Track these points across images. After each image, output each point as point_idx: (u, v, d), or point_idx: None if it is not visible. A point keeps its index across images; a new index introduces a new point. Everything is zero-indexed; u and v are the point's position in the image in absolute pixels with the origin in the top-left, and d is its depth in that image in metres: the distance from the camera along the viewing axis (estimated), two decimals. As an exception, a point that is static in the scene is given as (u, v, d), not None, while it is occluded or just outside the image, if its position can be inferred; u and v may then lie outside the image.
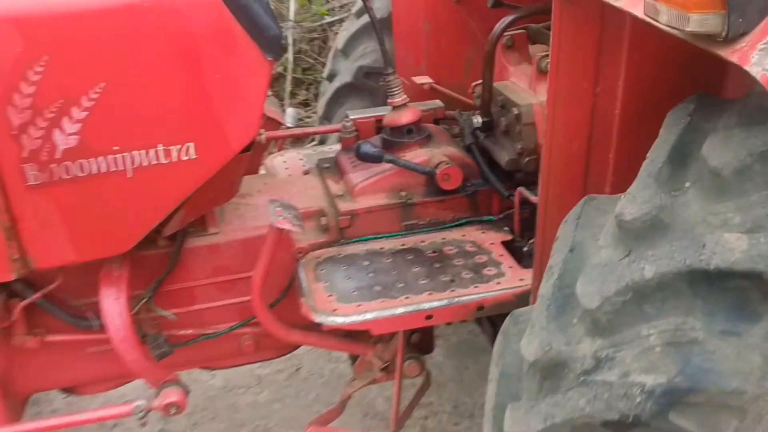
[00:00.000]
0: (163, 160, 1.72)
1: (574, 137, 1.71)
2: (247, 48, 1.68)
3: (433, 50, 2.95)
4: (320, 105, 3.44)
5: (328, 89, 3.37)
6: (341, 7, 5.88)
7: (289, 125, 2.83)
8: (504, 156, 2.24)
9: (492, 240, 2.21)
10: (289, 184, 2.41)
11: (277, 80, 6.02)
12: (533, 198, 2.03)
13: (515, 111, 2.17)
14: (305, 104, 6.04)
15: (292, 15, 5.78)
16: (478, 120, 2.31)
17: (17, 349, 1.98)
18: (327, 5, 5.92)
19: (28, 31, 1.53)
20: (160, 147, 1.71)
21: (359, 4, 3.32)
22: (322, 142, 3.37)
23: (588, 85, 1.64)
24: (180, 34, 1.63)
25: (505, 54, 2.42)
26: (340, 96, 3.28)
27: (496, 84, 2.32)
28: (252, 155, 2.48)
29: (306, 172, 2.52)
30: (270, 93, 2.71)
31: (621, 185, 1.67)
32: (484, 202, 2.31)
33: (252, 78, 1.72)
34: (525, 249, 2.14)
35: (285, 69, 5.88)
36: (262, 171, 2.80)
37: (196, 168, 1.75)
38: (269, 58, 1.71)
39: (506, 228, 2.26)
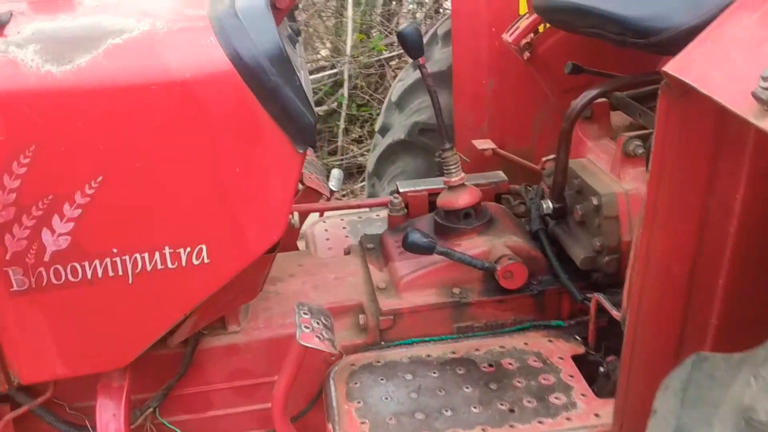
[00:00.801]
0: (170, 265, 1.44)
1: (675, 258, 1.35)
2: (274, 138, 1.38)
3: (498, 110, 2.63)
4: (370, 160, 3.14)
5: (379, 144, 3.07)
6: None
7: (333, 188, 2.54)
8: (579, 252, 1.88)
9: (561, 353, 1.85)
10: (325, 268, 2.10)
11: (331, 116, 5.80)
12: (615, 312, 1.67)
13: (594, 201, 1.82)
14: (359, 141, 5.79)
15: (348, 50, 5.54)
16: (548, 205, 1.96)
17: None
18: (385, 40, 5.66)
19: (11, 116, 1.28)
20: (167, 249, 1.43)
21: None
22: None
23: (697, 197, 1.29)
24: (193, 119, 1.34)
25: (582, 126, 2.07)
26: (391, 153, 2.98)
27: (571, 162, 1.98)
28: (289, 230, 2.20)
29: (347, 252, 2.21)
30: (311, 158, 2.43)
31: (732, 327, 1.32)
32: (552, 303, 1.96)
33: (279, 172, 1.42)
34: (602, 369, 1.78)
35: (339, 105, 5.64)
36: (300, 239, 2.52)
37: (209, 273, 1.47)
38: (300, 150, 1.41)
39: (578, 337, 1.90)
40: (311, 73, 5.80)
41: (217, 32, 1.32)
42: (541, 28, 2.32)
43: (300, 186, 2.17)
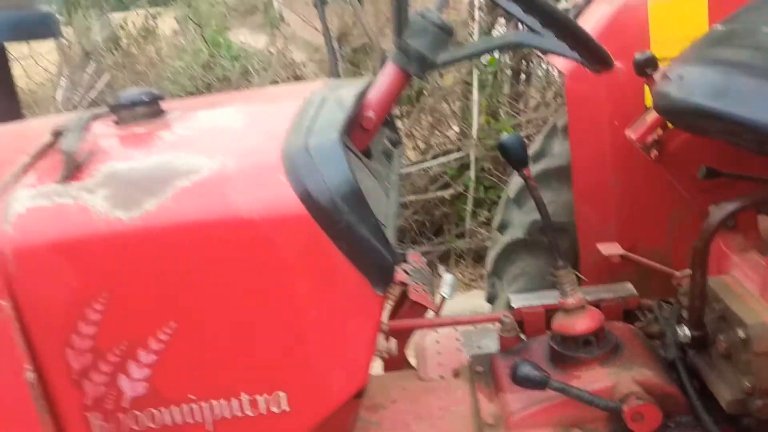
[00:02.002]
0: (249, 413, 1.35)
1: None
2: (350, 279, 1.27)
3: (626, 209, 2.38)
4: (489, 258, 2.97)
5: (498, 242, 2.90)
6: (528, 122, 5.45)
7: (445, 296, 2.39)
8: (725, 392, 1.59)
9: None
10: (431, 394, 1.93)
11: (458, 198, 5.71)
12: (772, 474, 1.37)
13: (741, 333, 1.53)
14: (487, 224, 5.62)
15: (475, 132, 5.45)
16: (685, 333, 1.69)
17: None
18: (513, 121, 5.52)
19: (82, 263, 1.26)
20: (244, 397, 1.34)
21: (536, 144, 2.85)
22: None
23: None
24: (264, 261, 1.26)
25: (724, 237, 1.79)
26: (511, 252, 2.79)
27: (712, 281, 1.70)
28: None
29: (456, 374, 2.03)
30: (419, 266, 2.30)
31: None
32: (693, 450, 1.65)
33: (358, 315, 1.30)
34: None
35: (466, 189, 5.54)
36: (410, 353, 2.37)
37: (290, 421, 1.36)
38: (379, 292, 1.29)
39: (727, 494, 1.58)
40: (437, 157, 5.76)
41: (287, 170, 1.25)
42: (670, 124, 2.09)
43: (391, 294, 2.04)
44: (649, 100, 2.21)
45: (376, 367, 2.82)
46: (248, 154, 1.34)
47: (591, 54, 1.52)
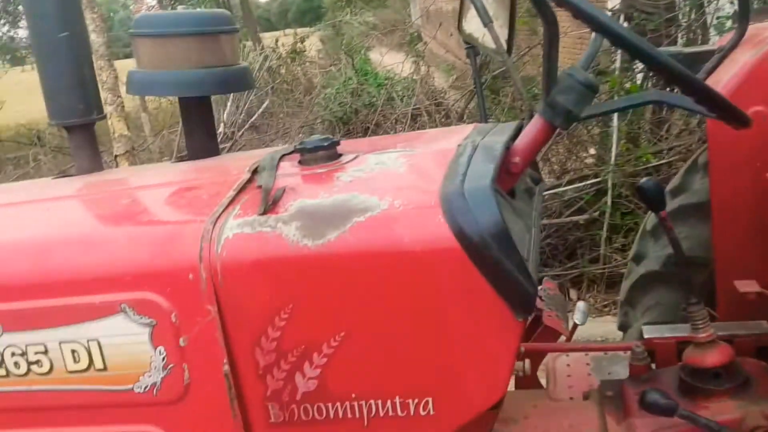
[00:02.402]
0: (400, 413, 1.57)
1: None
2: (494, 306, 1.46)
3: (766, 247, 2.39)
4: (623, 288, 3.04)
5: (633, 272, 2.97)
6: (670, 149, 5.37)
7: (578, 322, 2.51)
8: None
9: None
10: (561, 413, 2.07)
11: (593, 224, 5.71)
12: None
13: None
14: (622, 250, 5.58)
15: (613, 158, 5.45)
16: (818, 373, 1.73)
17: None
18: (653, 148, 5.46)
19: (274, 280, 1.54)
20: (397, 399, 1.56)
21: (677, 179, 2.90)
22: None
23: None
24: (421, 287, 1.49)
25: None
26: (645, 283, 2.86)
27: None
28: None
29: (585, 396, 2.16)
30: (553, 293, 2.45)
31: None
32: (822, 488, 1.69)
33: (499, 337, 1.49)
34: None
35: (602, 214, 5.53)
36: (541, 374, 2.51)
37: (434, 424, 1.57)
38: (519, 319, 1.47)
39: None
40: (573, 182, 5.79)
41: (445, 211, 1.46)
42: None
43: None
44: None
45: (510, 384, 2.98)
46: (411, 196, 1.57)
47: (729, 114, 1.62)
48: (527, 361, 2.09)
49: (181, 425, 1.67)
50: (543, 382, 2.47)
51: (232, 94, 7.46)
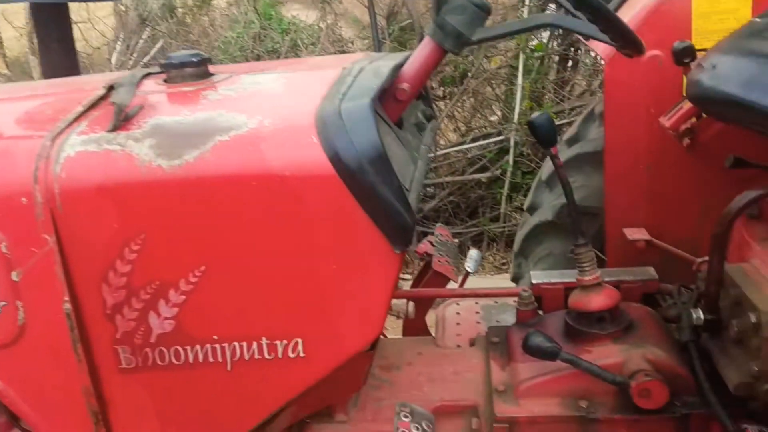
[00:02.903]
0: (267, 356, 1.43)
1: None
2: (370, 237, 1.34)
3: (657, 196, 2.39)
4: (517, 239, 3.00)
5: (526, 223, 2.93)
6: (571, 110, 5.42)
7: (469, 270, 2.44)
8: (733, 375, 1.61)
9: (704, 491, 1.58)
10: (445, 360, 1.99)
11: (495, 182, 5.72)
12: (771, 456, 1.40)
13: (753, 317, 1.55)
14: (521, 209, 5.63)
15: (516, 117, 5.45)
16: (699, 316, 1.72)
17: None
18: (556, 107, 5.49)
19: (125, 206, 1.35)
20: (264, 341, 1.43)
21: (573, 128, 2.87)
22: None
23: None
24: (291, 215, 1.34)
25: (747, 225, 1.80)
26: (538, 233, 2.82)
27: (729, 268, 1.72)
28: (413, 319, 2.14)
29: (472, 343, 2.09)
30: (445, 239, 2.36)
31: None
32: (698, 430, 1.69)
33: (376, 272, 1.37)
34: None
35: (504, 172, 5.55)
36: (430, 323, 2.43)
37: (305, 367, 1.44)
38: (397, 251, 1.35)
39: (729, 475, 1.61)
40: (477, 139, 5.77)
41: (319, 132, 1.32)
42: (702, 112, 2.09)
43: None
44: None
45: (396, 331, 2.89)
46: (285, 115, 1.41)
47: (623, 38, 1.55)
48: (411, 304, 2.00)
49: (15, 371, 1.47)
50: (432, 331, 2.40)
51: (122, 34, 6.97)
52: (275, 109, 1.43)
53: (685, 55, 1.95)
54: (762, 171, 1.81)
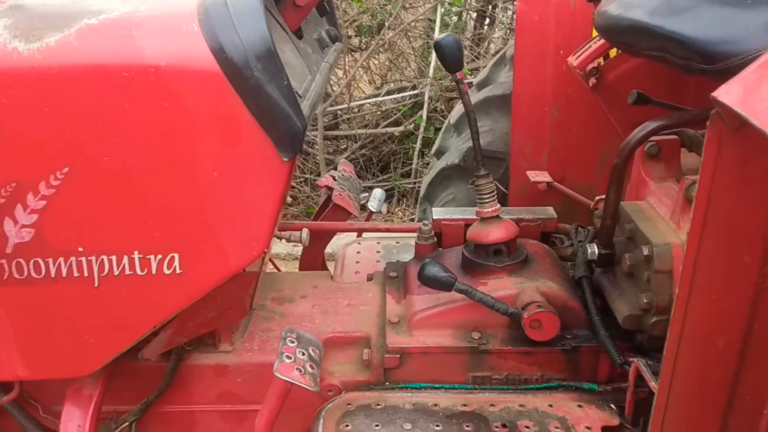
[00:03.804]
0: (139, 271, 1.31)
1: (719, 330, 1.10)
2: (256, 142, 1.23)
3: (560, 141, 2.39)
4: (423, 184, 2.96)
5: (433, 167, 2.89)
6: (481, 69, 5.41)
7: (372, 209, 2.37)
8: (623, 308, 1.62)
9: (590, 421, 1.58)
10: (340, 293, 1.93)
11: (408, 137, 5.67)
12: (653, 384, 1.41)
13: (645, 250, 1.56)
14: (434, 166, 5.62)
15: (431, 71, 5.39)
16: (594, 250, 1.71)
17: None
18: (471, 64, 5.48)
19: None
20: (136, 254, 1.30)
21: (482, 74, 2.83)
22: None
23: (752, 260, 1.03)
24: (167, 113, 1.21)
25: (646, 164, 1.81)
26: (444, 177, 2.79)
27: (625, 204, 1.72)
28: (312, 247, 2.05)
29: (369, 278, 2.03)
30: (348, 175, 2.27)
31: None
32: (587, 362, 1.69)
33: (262, 181, 1.27)
34: (635, 449, 1.51)
35: (417, 127, 5.50)
36: (331, 259, 2.36)
37: (181, 285, 1.33)
38: (285, 159, 1.25)
39: (613, 406, 1.62)
40: (392, 93, 5.69)
41: (201, 20, 1.19)
42: (612, 53, 2.08)
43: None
44: (595, 32, 2.19)
45: (292, 266, 2.79)
46: (164, 2, 1.27)
47: None
48: (306, 231, 1.91)
49: None
50: (331, 268, 2.32)
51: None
52: None
53: (595, -8, 1.93)
54: (662, 109, 1.82)
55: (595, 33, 2.20)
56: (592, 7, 2.04)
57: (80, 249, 1.29)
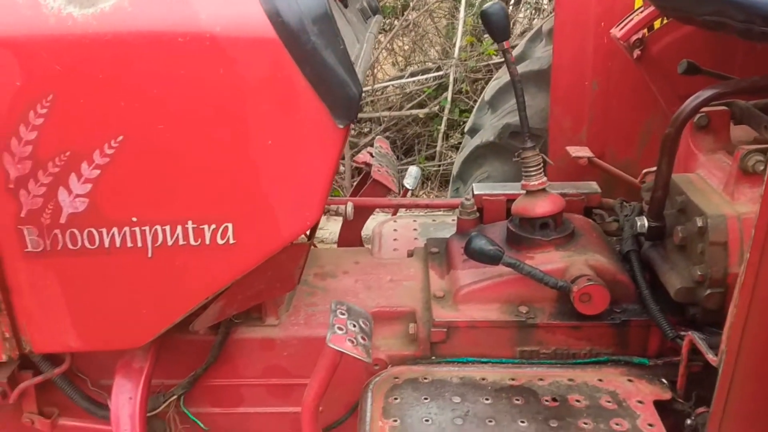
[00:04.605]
0: (193, 242, 1.30)
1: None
2: (311, 108, 1.21)
3: (600, 115, 2.35)
4: (456, 162, 2.93)
5: (467, 145, 2.86)
6: (513, 47, 5.34)
7: (408, 186, 2.36)
8: (675, 281, 1.59)
9: (641, 395, 1.56)
10: (382, 269, 1.91)
11: (432, 119, 5.63)
12: (710, 356, 1.38)
13: (699, 222, 1.53)
14: (458, 147, 5.58)
15: (456, 52, 5.34)
16: (643, 223, 1.68)
17: (25, 429, 1.65)
18: (496, 45, 5.41)
19: (30, 61, 1.18)
20: (190, 224, 1.29)
21: (517, 50, 2.79)
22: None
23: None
24: (222, 80, 1.20)
25: (695, 136, 1.77)
26: (478, 155, 2.76)
27: (676, 177, 1.69)
28: (352, 222, 2.04)
29: (410, 254, 2.01)
30: (385, 151, 2.26)
31: None
32: (637, 337, 1.67)
33: (316, 149, 1.25)
34: (689, 422, 1.48)
35: (441, 109, 5.46)
36: (367, 237, 2.34)
37: (234, 255, 1.32)
38: (340, 126, 1.23)
39: (665, 380, 1.60)
40: (416, 74, 5.65)
41: None
42: (657, 24, 2.04)
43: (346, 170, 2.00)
44: (639, 2, 2.15)
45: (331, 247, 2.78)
46: None
47: None
48: (350, 204, 1.90)
49: None
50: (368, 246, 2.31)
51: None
52: None
53: (642, -39, 1.88)
54: (714, 82, 1.77)
55: (638, 3, 2.15)
56: (634, -22, 2.00)
57: (134, 219, 1.29)
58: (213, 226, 1.29)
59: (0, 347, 1.37)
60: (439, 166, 5.63)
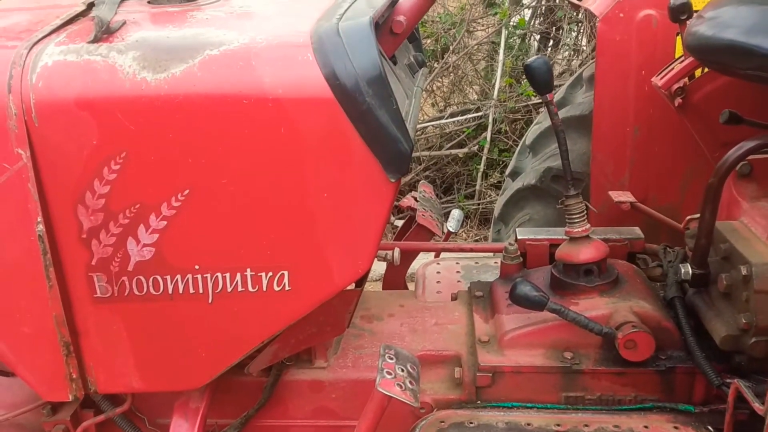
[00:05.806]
0: (251, 288, 1.37)
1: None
2: (365, 164, 1.28)
3: (641, 160, 2.38)
4: (498, 204, 2.98)
5: (508, 188, 2.90)
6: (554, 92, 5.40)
7: (451, 229, 2.40)
8: (720, 328, 1.60)
9: (687, 443, 1.56)
10: (427, 312, 1.96)
11: (471, 159, 5.69)
12: (757, 405, 1.39)
13: (744, 270, 1.54)
14: (497, 186, 5.62)
15: (496, 93, 5.41)
16: (687, 270, 1.70)
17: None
18: (536, 86, 5.47)
19: (106, 121, 1.28)
20: (248, 272, 1.36)
21: (559, 93, 2.84)
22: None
23: None
24: (283, 138, 1.28)
25: (737, 184, 1.79)
26: (520, 198, 2.80)
27: (720, 224, 1.70)
28: (397, 266, 2.10)
29: (454, 298, 2.05)
30: (429, 195, 2.32)
31: None
32: (682, 384, 1.68)
33: (369, 201, 1.32)
34: (736, 471, 1.48)
35: (480, 148, 5.52)
36: (410, 280, 2.39)
37: (290, 301, 1.38)
38: (392, 179, 1.30)
39: (710, 428, 1.60)
40: (455, 115, 5.73)
41: (315, 49, 1.25)
42: (698, 73, 2.07)
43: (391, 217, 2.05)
44: (679, 50, 2.19)
45: (375, 286, 2.84)
46: (279, 33, 1.34)
47: None
48: (397, 249, 1.95)
49: (-19, 297, 1.39)
50: (411, 288, 2.36)
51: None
52: (268, 28, 1.36)
53: (682, 12, 1.93)
54: (758, 132, 1.80)
55: (679, 52, 2.19)
56: (674, 26, 2.04)
57: (197, 267, 1.36)
58: (270, 274, 1.36)
59: (66, 387, 1.45)
60: (479, 204, 5.67)
